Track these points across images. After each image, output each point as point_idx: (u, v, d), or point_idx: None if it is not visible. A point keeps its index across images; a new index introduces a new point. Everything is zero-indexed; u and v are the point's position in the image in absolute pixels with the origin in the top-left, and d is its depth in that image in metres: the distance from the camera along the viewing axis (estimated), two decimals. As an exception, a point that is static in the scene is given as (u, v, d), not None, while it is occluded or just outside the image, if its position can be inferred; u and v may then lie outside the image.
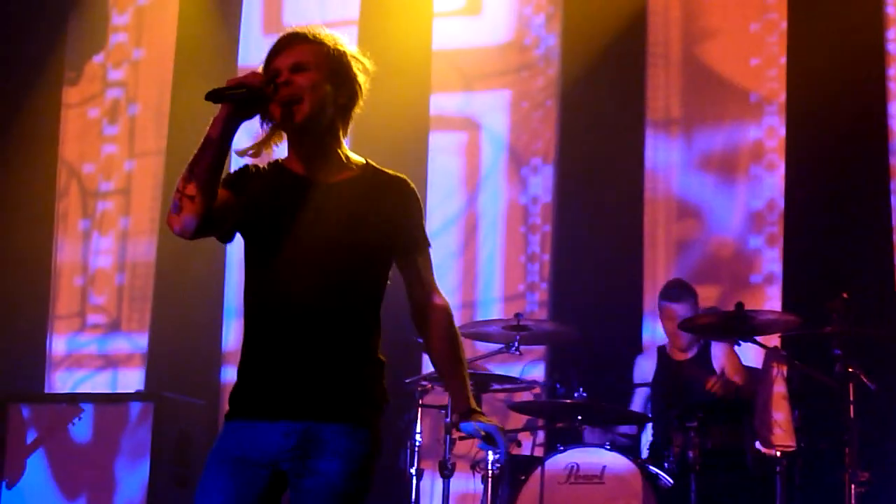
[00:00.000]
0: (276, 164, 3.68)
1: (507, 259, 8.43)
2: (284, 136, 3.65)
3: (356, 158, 3.70)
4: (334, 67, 3.63)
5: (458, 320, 3.79)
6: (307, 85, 3.57)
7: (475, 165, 8.60)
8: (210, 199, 3.44)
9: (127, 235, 9.27)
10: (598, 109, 8.22)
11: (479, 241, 8.47)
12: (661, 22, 8.40)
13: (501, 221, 8.49)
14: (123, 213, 9.33)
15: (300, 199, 3.58)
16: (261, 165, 3.67)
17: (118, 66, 9.57)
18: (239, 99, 3.45)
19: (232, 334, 8.59)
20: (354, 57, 3.69)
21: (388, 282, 3.65)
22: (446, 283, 6.05)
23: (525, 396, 7.43)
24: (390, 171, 3.72)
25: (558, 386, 6.75)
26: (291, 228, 3.55)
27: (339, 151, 3.68)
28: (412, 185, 3.71)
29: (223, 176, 3.52)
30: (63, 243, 9.29)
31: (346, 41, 3.69)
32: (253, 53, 8.79)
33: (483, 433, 3.55)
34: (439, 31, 8.72)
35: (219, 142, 3.43)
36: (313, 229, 3.57)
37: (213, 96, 3.44)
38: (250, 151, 3.61)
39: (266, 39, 8.69)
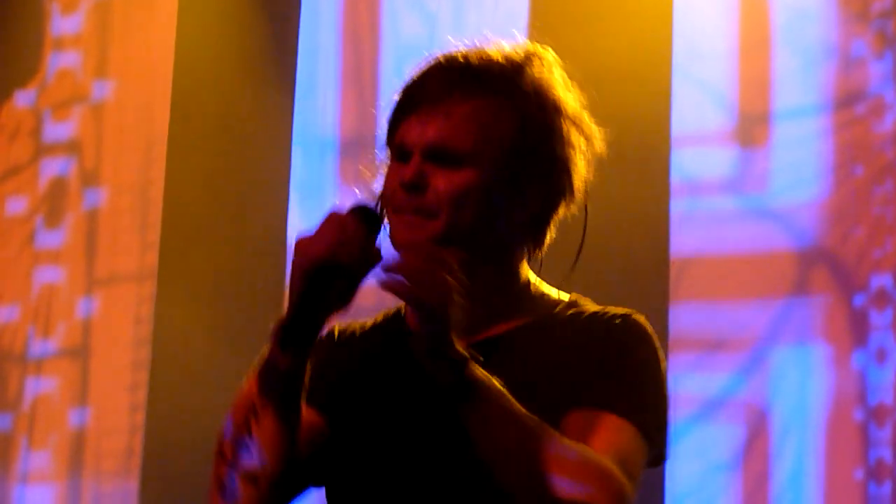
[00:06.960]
0: (397, 317, 2.51)
1: (830, 476, 6.02)
2: None
3: (553, 295, 2.44)
4: (526, 154, 2.29)
5: None
6: (449, 195, 2.29)
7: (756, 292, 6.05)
8: (287, 461, 2.34)
9: (82, 454, 6.24)
10: None
11: (772, 445, 6.06)
12: None
13: (816, 406, 6.09)
14: (76, 401, 6.43)
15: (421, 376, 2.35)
16: (368, 322, 2.57)
17: (64, 115, 6.88)
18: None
19: None
20: (576, 126, 2.36)
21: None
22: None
23: None
24: (611, 311, 2.43)
25: None
26: (411, 433, 2.40)
27: (514, 288, 2.42)
28: (642, 322, 2.41)
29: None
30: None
31: (557, 81, 2.31)
32: (324, 74, 6.26)
33: None
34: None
35: (294, 375, 2.33)
36: (451, 428, 2.36)
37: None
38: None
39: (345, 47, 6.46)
